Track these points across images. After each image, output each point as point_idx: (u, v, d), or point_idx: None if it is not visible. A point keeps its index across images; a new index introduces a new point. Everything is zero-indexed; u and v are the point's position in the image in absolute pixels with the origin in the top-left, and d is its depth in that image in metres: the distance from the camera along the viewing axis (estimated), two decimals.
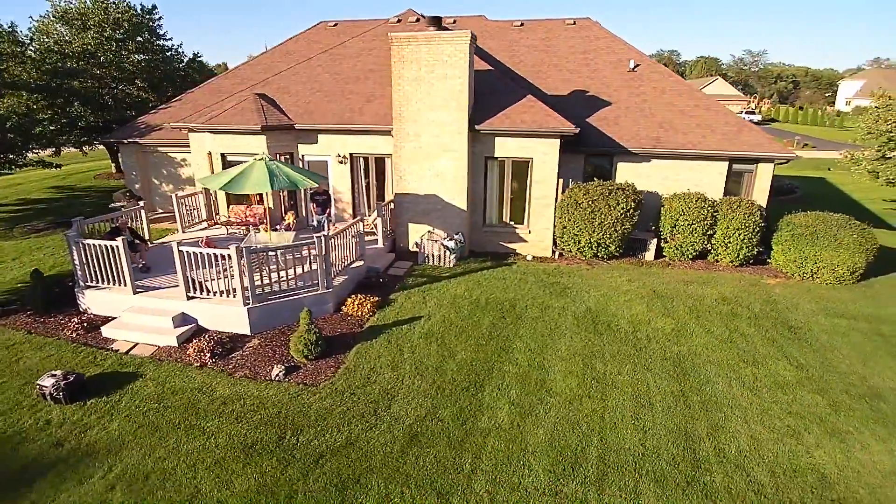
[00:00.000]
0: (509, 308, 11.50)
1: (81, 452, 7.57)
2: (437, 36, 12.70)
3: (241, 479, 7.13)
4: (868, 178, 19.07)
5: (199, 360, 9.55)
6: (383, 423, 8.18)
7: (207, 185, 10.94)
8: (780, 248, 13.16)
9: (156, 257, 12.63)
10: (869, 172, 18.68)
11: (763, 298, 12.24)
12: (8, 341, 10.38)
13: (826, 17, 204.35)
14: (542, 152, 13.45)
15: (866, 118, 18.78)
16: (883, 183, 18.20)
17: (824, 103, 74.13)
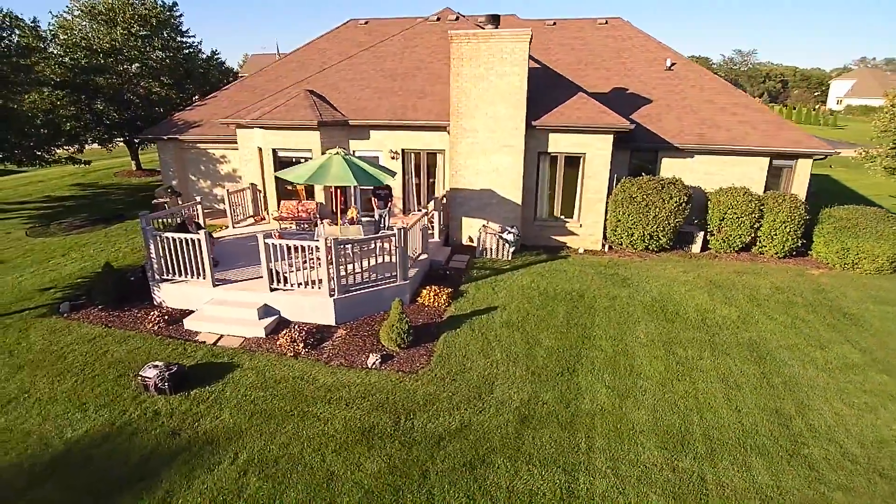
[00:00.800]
0: (578, 298, 11.84)
1: (200, 441, 7.67)
2: (496, 34, 13.00)
3: (370, 461, 7.33)
4: (882, 175, 19.91)
5: (293, 350, 9.69)
6: (490, 406, 8.45)
7: (287, 177, 11.06)
8: (821, 239, 13.75)
9: (216, 251, 12.68)
10: (885, 169, 19.53)
11: (812, 288, 12.80)
12: (88, 335, 10.39)
13: (811, 18, 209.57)
14: (595, 148, 13.84)
15: (881, 117, 19.61)
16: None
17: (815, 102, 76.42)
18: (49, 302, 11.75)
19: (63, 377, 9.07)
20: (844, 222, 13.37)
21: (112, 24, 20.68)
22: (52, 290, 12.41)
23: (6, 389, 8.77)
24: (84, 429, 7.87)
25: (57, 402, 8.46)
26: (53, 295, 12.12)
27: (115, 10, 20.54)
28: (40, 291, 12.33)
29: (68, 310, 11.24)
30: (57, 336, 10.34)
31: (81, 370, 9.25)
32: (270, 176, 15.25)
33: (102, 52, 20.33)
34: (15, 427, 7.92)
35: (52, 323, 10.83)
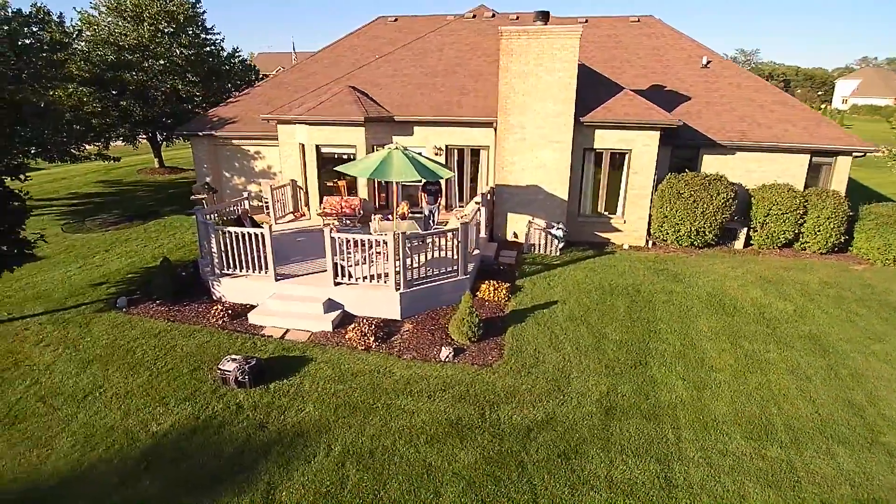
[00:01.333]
0: (635, 293, 11.91)
1: (290, 433, 7.66)
2: (547, 30, 13.06)
3: (464, 452, 7.35)
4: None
5: (364, 343, 9.69)
6: (571, 398, 8.49)
7: (350, 172, 11.05)
8: (863, 235, 13.90)
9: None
10: None
11: (859, 283, 12.93)
12: (152, 329, 10.33)
13: (813, 17, 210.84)
14: (641, 144, 13.92)
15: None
16: None
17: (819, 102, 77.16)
18: (104, 297, 11.68)
19: (136, 371, 9.02)
20: (885, 218, 13.53)
21: (139, 20, 20.54)
22: (105, 285, 12.33)
23: (80, 384, 8.71)
24: (169, 423, 7.84)
25: (134, 396, 8.42)
26: (107, 290, 12.04)
27: (141, 7, 20.40)
28: (92, 287, 12.25)
29: (126, 304, 11.18)
30: (120, 331, 10.27)
31: (153, 364, 9.21)
32: (313, 172, 15.22)
33: (129, 49, 20.18)
34: (96, 422, 7.87)
35: (113, 318, 10.76)
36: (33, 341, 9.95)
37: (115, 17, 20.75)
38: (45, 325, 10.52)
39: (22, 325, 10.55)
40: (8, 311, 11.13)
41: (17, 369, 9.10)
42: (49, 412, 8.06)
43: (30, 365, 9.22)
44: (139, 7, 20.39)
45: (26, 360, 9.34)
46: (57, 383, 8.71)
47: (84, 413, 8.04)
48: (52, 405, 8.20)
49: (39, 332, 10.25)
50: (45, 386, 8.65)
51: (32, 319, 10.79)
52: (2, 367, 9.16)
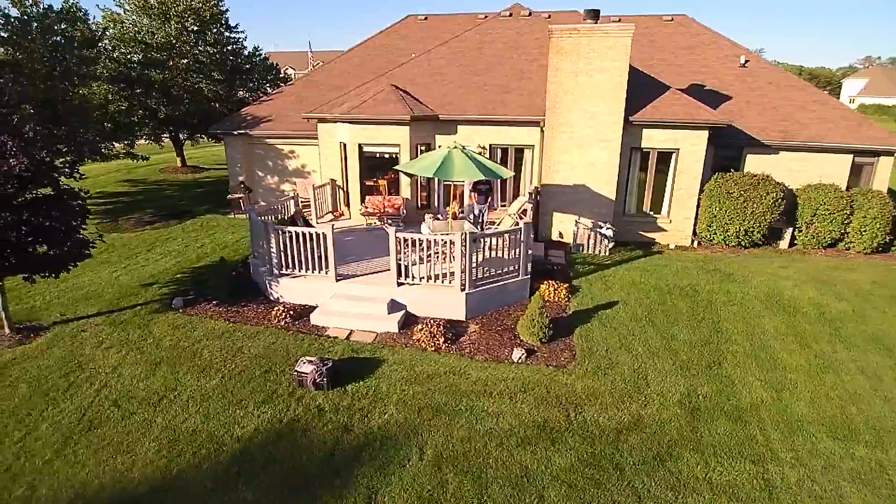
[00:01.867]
0: (693, 293, 11.85)
1: (377, 436, 7.52)
2: (599, 29, 12.98)
3: (558, 455, 7.24)
4: None
5: (433, 344, 9.56)
6: (653, 400, 8.40)
7: (410, 171, 10.95)
8: None
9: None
10: None
11: None
12: (215, 330, 10.17)
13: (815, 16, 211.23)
14: (689, 143, 13.86)
15: None
16: None
17: None
18: (157, 298, 11.50)
19: (207, 374, 8.86)
20: None
21: (165, 18, 20.28)
22: (155, 285, 12.15)
23: (151, 387, 8.54)
24: (252, 426, 7.68)
25: (211, 399, 8.26)
26: (158, 291, 11.86)
27: (167, 5, 20.16)
28: (143, 287, 12.06)
29: (182, 305, 11.00)
30: (182, 332, 10.10)
31: (223, 366, 9.05)
32: (355, 171, 15.07)
33: (157, 47, 19.94)
34: (177, 426, 7.71)
35: (171, 319, 10.58)
36: (93, 343, 9.76)
37: (141, 15, 20.50)
38: (103, 327, 10.33)
39: (78, 327, 10.36)
40: (60, 312, 10.94)
41: (83, 372, 8.93)
42: (125, 417, 7.89)
43: (95, 367, 9.04)
44: (165, 5, 20.14)
45: (90, 363, 9.16)
46: (127, 386, 8.54)
47: (162, 417, 7.88)
48: (127, 409, 8.03)
49: (98, 334, 10.07)
50: (115, 389, 8.47)
51: (87, 321, 10.59)
52: (67, 369, 8.97)
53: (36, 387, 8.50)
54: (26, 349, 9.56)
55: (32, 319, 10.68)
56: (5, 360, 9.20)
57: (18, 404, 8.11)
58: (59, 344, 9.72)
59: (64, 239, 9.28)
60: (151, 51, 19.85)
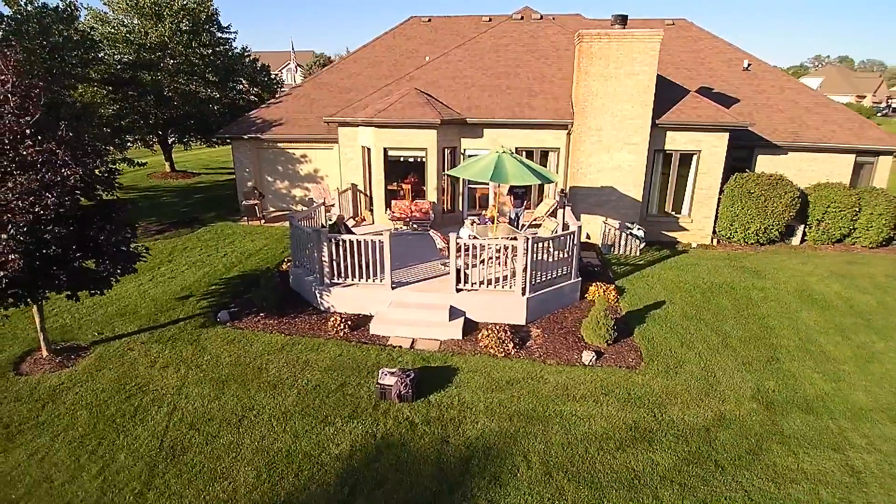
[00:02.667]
0: (730, 290, 12.26)
1: (477, 447, 7.44)
2: (629, 34, 13.24)
3: (658, 455, 7.38)
4: None
5: (503, 350, 9.54)
6: (728, 396, 8.66)
7: (463, 175, 10.89)
8: None
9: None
10: None
11: None
12: (273, 343, 9.82)
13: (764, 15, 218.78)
14: (710, 145, 14.33)
15: None
16: None
17: None
18: (198, 312, 11.00)
19: (280, 390, 8.54)
20: None
21: (158, 18, 19.32)
22: (191, 298, 11.61)
23: (226, 407, 8.17)
24: (347, 444, 7.46)
25: (293, 417, 7.97)
26: (196, 304, 11.34)
27: (160, 5, 19.22)
28: (178, 300, 11.51)
29: (228, 318, 10.56)
30: (238, 347, 9.71)
31: (294, 382, 8.75)
32: (380, 175, 14.83)
33: (150, 48, 18.97)
34: (268, 447, 7.40)
35: (221, 333, 10.15)
36: (146, 363, 9.25)
37: (132, 15, 19.46)
38: (150, 345, 9.80)
39: (122, 346, 9.78)
40: (98, 331, 10.31)
41: (145, 394, 8.44)
42: (208, 440, 7.51)
43: (157, 389, 8.57)
44: (158, 5, 19.20)
45: (150, 384, 8.68)
46: (200, 408, 8.14)
47: (249, 438, 7.54)
48: (207, 432, 7.64)
49: (147, 353, 9.55)
50: (188, 411, 8.05)
51: (130, 339, 10.03)
52: (126, 392, 8.47)
53: (98, 413, 7.98)
54: (73, 372, 8.96)
55: (67, 339, 10.03)
56: (53, 385, 8.60)
57: (85, 433, 7.58)
58: (108, 365, 9.16)
59: (115, 253, 8.74)
60: (144, 51, 18.90)
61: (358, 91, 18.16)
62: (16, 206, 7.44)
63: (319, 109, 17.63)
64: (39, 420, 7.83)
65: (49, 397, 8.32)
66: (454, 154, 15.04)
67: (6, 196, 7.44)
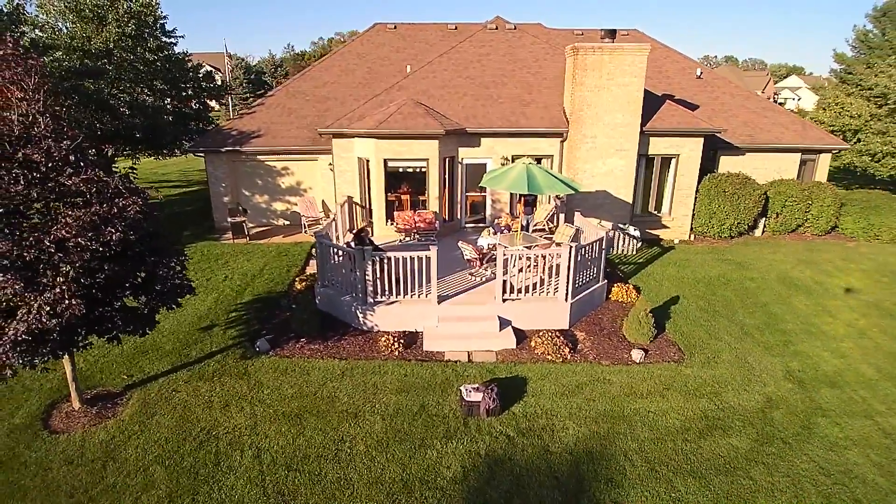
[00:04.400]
0: (727, 282, 13.48)
1: (580, 452, 7.72)
2: (620, 47, 14.09)
3: (735, 439, 8.09)
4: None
5: (560, 355, 9.89)
6: (765, 380, 9.64)
7: (498, 187, 11.08)
8: (850, 218, 17.07)
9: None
10: None
11: (867, 257, 15.82)
12: (331, 370, 9.45)
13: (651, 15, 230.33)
14: (688, 149, 15.62)
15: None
16: None
17: None
18: (232, 343, 10.29)
19: (363, 419, 8.29)
20: (866, 203, 16.81)
21: (101, 22, 17.40)
22: (215, 328, 10.82)
23: (313, 441, 7.80)
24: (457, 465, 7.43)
25: (390, 444, 7.79)
26: (225, 334, 10.59)
27: (102, 7, 17.34)
28: (201, 331, 10.68)
29: (268, 347, 10.00)
30: (295, 377, 9.25)
31: (373, 408, 8.53)
32: (380, 187, 14.59)
33: (94, 55, 17.06)
34: (380, 478, 7.22)
35: (270, 363, 9.60)
36: (201, 404, 8.56)
37: (72, 19, 17.40)
38: (195, 383, 9.06)
39: (161, 388, 8.95)
40: (124, 373, 9.35)
41: (218, 440, 7.78)
42: (314, 480, 7.13)
43: (228, 431, 7.97)
44: (100, 8, 17.35)
45: (217, 427, 8.06)
46: (286, 446, 7.70)
47: (356, 472, 7.27)
48: (309, 472, 7.26)
49: (196, 393, 8.82)
50: (275, 452, 7.58)
51: (166, 379, 9.20)
52: (196, 440, 7.78)
53: (175, 467, 7.31)
54: (119, 424, 8.10)
55: (91, 385, 9.02)
56: (104, 441, 7.74)
57: (171, 491, 6.91)
58: (158, 411, 8.37)
59: (167, 288, 8.02)
60: (87, 58, 17.02)
61: (336, 100, 17.70)
62: (74, 244, 6.64)
63: (298, 119, 16.98)
64: (108, 483, 7.03)
65: (106, 455, 7.48)
66: (452, 164, 15.16)
67: (60, 233, 6.61)
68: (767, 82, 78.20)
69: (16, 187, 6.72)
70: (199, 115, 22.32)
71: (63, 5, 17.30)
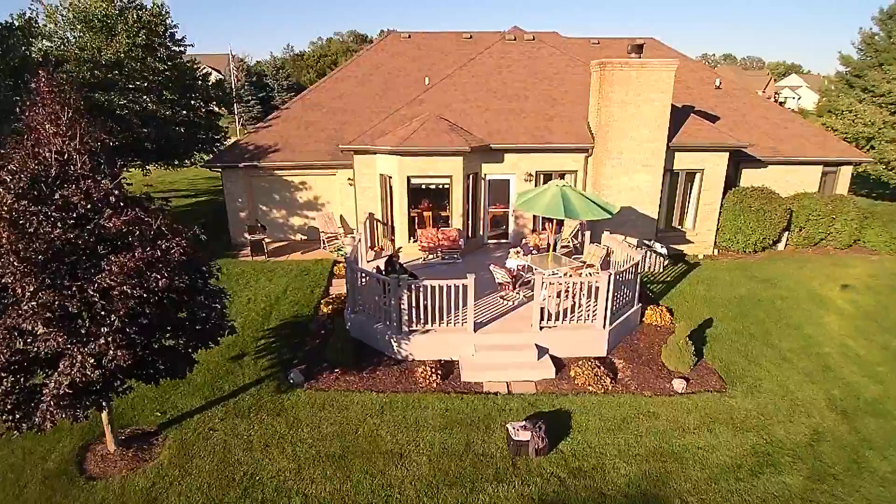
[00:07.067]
0: (758, 301, 13.31)
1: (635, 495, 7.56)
2: (648, 63, 13.88)
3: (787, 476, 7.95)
4: None
5: (602, 386, 9.70)
6: (810, 410, 9.48)
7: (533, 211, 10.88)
8: (872, 231, 16.94)
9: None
10: None
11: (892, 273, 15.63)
12: (370, 405, 9.22)
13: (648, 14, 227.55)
14: (713, 164, 15.43)
15: None
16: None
17: None
18: (265, 374, 10.05)
19: (408, 459, 8.10)
20: (888, 217, 16.68)
21: (111, 33, 16.97)
22: (244, 357, 10.58)
23: (361, 486, 7.59)
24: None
25: (439, 488, 7.60)
26: (255, 365, 10.35)
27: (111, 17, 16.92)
28: (231, 361, 10.45)
29: (303, 379, 9.77)
30: (333, 413, 9.02)
31: (416, 446, 8.34)
32: (403, 204, 14.35)
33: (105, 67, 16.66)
34: None
35: (305, 397, 9.37)
36: (241, 445, 8.31)
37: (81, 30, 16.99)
38: (231, 420, 8.83)
39: (197, 426, 8.72)
40: (157, 409, 9.11)
41: (264, 485, 7.54)
42: None
43: (272, 476, 7.73)
44: (110, 18, 16.94)
45: (261, 471, 7.82)
46: (334, 492, 7.48)
47: None
48: None
49: (235, 432, 8.58)
50: (323, 500, 7.36)
51: (201, 416, 8.97)
52: (241, 485, 7.54)
53: None
54: (159, 468, 7.86)
55: (124, 424, 8.79)
56: (145, 488, 7.49)
57: None
58: (197, 453, 8.14)
59: (208, 327, 7.77)
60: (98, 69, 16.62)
61: (354, 112, 17.40)
62: (119, 292, 6.36)
63: (316, 133, 16.69)
64: None
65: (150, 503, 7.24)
66: (476, 179, 14.92)
67: (105, 282, 6.33)
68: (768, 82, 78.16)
69: (54, 231, 6.43)
70: (210, 123, 21.94)
71: (72, 15, 16.88)
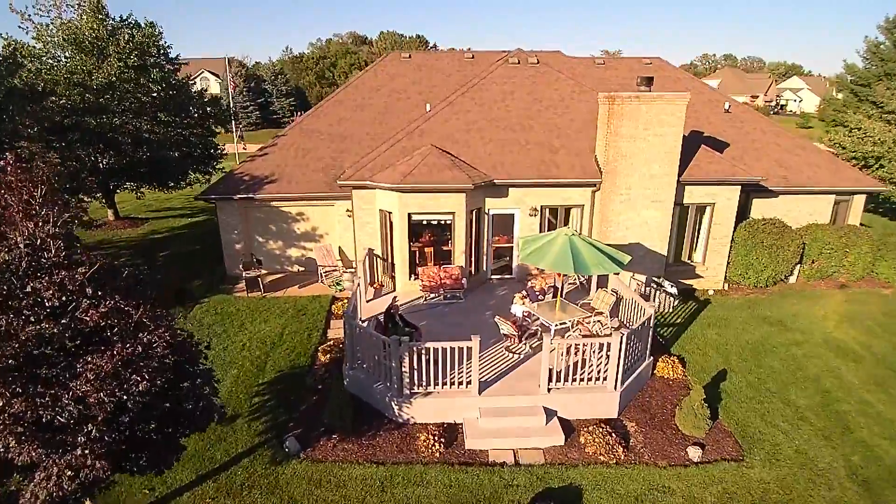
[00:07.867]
0: (772, 348, 12.84)
1: None
2: (659, 96, 13.32)
3: None
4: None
5: (613, 456, 9.23)
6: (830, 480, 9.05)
7: (540, 265, 10.38)
8: (886, 263, 16.47)
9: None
10: None
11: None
12: (370, 481, 8.71)
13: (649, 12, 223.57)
14: (725, 198, 14.92)
15: None
16: None
17: None
18: (259, 441, 9.56)
19: None
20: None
21: (102, 55, 16.34)
22: (237, 419, 10.09)
23: None
24: None
25: None
26: (249, 429, 9.86)
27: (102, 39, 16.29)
28: (223, 425, 9.93)
29: (298, 447, 9.29)
30: (331, 490, 8.54)
31: None
32: (403, 241, 13.84)
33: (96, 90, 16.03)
34: None
35: (301, 470, 8.88)
36: None
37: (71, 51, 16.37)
38: (223, 501, 8.34)
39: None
40: (147, 487, 8.61)
41: None
42: None
43: None
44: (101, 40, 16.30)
45: None
46: None
47: None
48: None
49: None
50: None
51: (193, 492, 8.48)
52: None
53: None
54: None
55: (109, 502, 8.28)
56: None
57: None
58: None
59: (198, 414, 7.26)
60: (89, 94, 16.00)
61: (352, 139, 16.85)
62: (95, 399, 5.84)
63: (314, 161, 16.14)
64: None
65: None
66: (479, 215, 14.40)
67: (80, 390, 5.81)
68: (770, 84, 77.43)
69: (27, 328, 5.90)
70: (206, 142, 21.37)
71: (62, 37, 16.26)
